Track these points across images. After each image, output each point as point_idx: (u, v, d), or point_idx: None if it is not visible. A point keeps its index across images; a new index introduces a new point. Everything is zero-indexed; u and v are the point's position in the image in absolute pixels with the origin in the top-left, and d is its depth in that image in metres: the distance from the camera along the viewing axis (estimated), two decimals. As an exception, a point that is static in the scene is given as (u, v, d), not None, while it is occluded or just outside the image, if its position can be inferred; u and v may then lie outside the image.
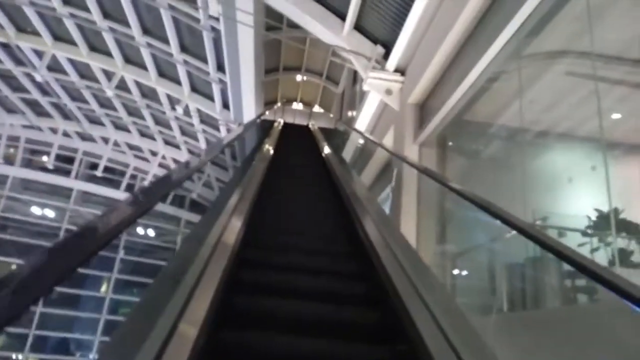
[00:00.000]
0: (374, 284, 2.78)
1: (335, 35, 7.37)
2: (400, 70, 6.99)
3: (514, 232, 2.00)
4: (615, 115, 4.44)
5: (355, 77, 11.90)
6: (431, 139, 6.20)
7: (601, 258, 3.55)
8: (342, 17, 7.44)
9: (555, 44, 4.09)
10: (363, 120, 8.80)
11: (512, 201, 4.22)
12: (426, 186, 5.91)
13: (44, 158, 19.53)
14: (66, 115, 17.05)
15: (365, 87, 7.25)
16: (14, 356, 16.16)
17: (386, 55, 7.18)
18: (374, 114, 8.37)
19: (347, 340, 2.20)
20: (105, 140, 18.64)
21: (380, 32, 7.31)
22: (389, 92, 7.04)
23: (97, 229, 1.29)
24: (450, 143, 5.90)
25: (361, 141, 9.76)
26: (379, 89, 7.08)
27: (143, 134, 17.57)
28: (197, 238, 2.63)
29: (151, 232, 19.79)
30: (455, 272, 4.97)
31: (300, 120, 15.59)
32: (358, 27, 7.49)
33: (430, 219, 5.70)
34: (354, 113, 10.85)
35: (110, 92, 12.79)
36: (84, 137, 18.78)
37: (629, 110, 4.32)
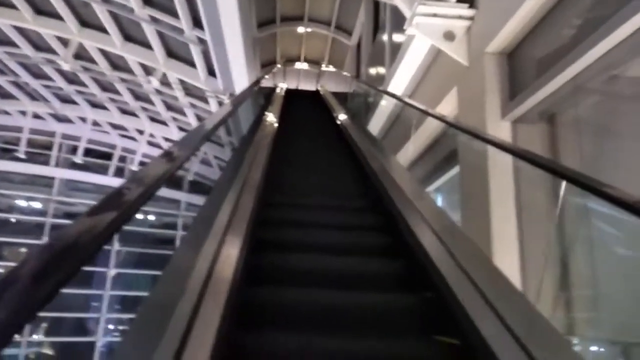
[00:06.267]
0: None
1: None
2: (467, 0, 4.40)
3: None
4: None
5: (377, 21, 9.13)
6: (534, 113, 3.70)
7: None
8: None
9: None
10: (399, 80, 6.24)
11: None
12: (537, 194, 3.50)
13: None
14: (32, 96, 14.60)
15: (409, 31, 4.67)
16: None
17: (442, -23, 4.56)
18: (418, 71, 5.81)
19: None
20: (83, 120, 16.26)
21: (429, -59, 4.64)
22: (449, 35, 4.46)
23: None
24: (585, 120, 3.40)
25: (386, 105, 7.21)
26: (432, 33, 4.50)
27: (124, 111, 15.11)
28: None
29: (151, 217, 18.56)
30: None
31: (306, 84, 12.85)
32: (392, -64, 4.83)
33: (555, 254, 3.30)
34: (381, 70, 8.21)
35: (66, 65, 10.21)
36: (59, 118, 16.42)
37: None
